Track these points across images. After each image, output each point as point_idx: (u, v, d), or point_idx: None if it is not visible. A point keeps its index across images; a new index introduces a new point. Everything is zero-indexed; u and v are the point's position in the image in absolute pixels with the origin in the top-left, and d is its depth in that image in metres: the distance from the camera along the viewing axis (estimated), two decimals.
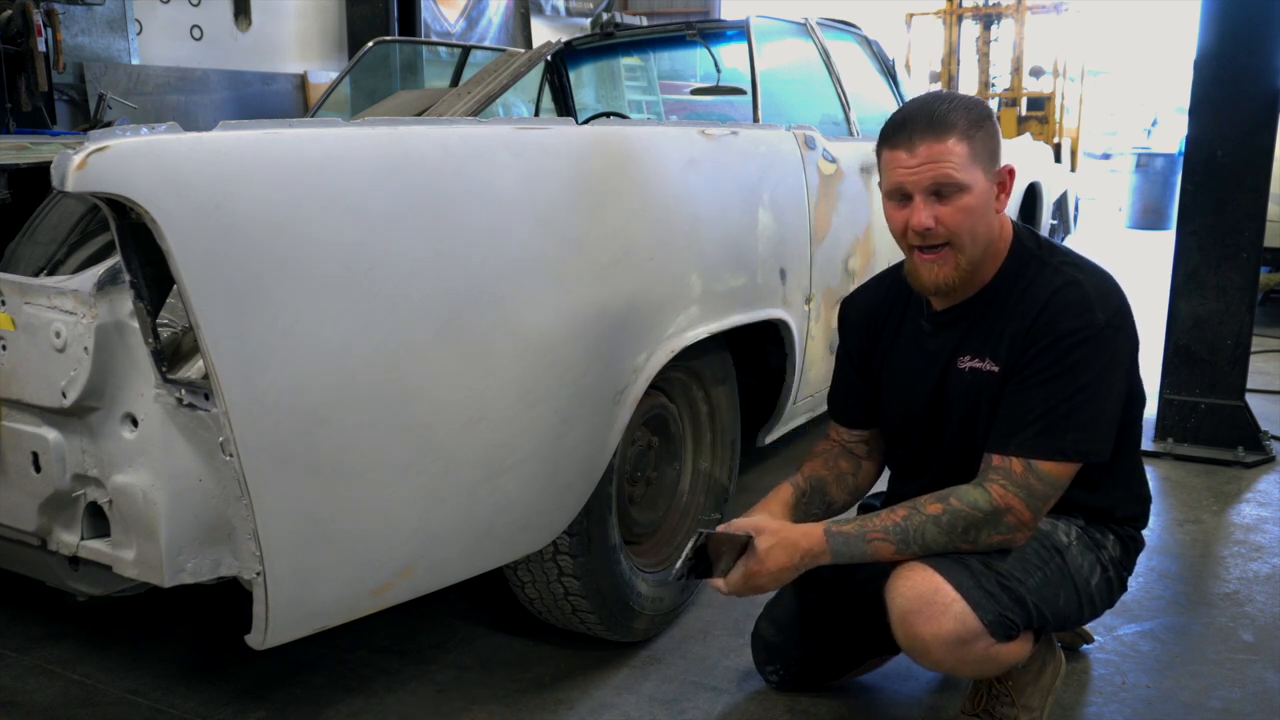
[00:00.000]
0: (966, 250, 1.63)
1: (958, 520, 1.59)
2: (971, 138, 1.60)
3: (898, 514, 1.62)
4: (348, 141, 1.40)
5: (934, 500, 1.62)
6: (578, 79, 4.23)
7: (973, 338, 1.71)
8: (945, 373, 1.74)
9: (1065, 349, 1.59)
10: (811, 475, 1.91)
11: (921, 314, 1.79)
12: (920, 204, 1.61)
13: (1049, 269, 1.67)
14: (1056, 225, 6.96)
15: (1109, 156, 15.29)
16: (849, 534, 1.62)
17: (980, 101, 1.68)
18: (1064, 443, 1.59)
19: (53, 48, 5.22)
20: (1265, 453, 3.34)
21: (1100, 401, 1.60)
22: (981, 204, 1.62)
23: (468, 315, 1.53)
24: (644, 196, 1.89)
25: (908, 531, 1.60)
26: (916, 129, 1.60)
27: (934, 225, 1.61)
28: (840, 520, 1.66)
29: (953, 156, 1.58)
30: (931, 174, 1.59)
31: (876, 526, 1.62)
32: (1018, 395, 1.63)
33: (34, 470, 1.50)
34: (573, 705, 1.93)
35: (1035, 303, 1.64)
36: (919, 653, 1.62)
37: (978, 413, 1.70)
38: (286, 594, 1.39)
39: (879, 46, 3.77)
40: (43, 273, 1.67)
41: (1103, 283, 1.65)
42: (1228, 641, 2.18)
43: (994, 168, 1.64)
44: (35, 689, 1.98)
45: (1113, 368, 1.61)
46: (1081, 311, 1.60)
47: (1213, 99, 3.26)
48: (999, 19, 10.92)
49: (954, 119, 1.59)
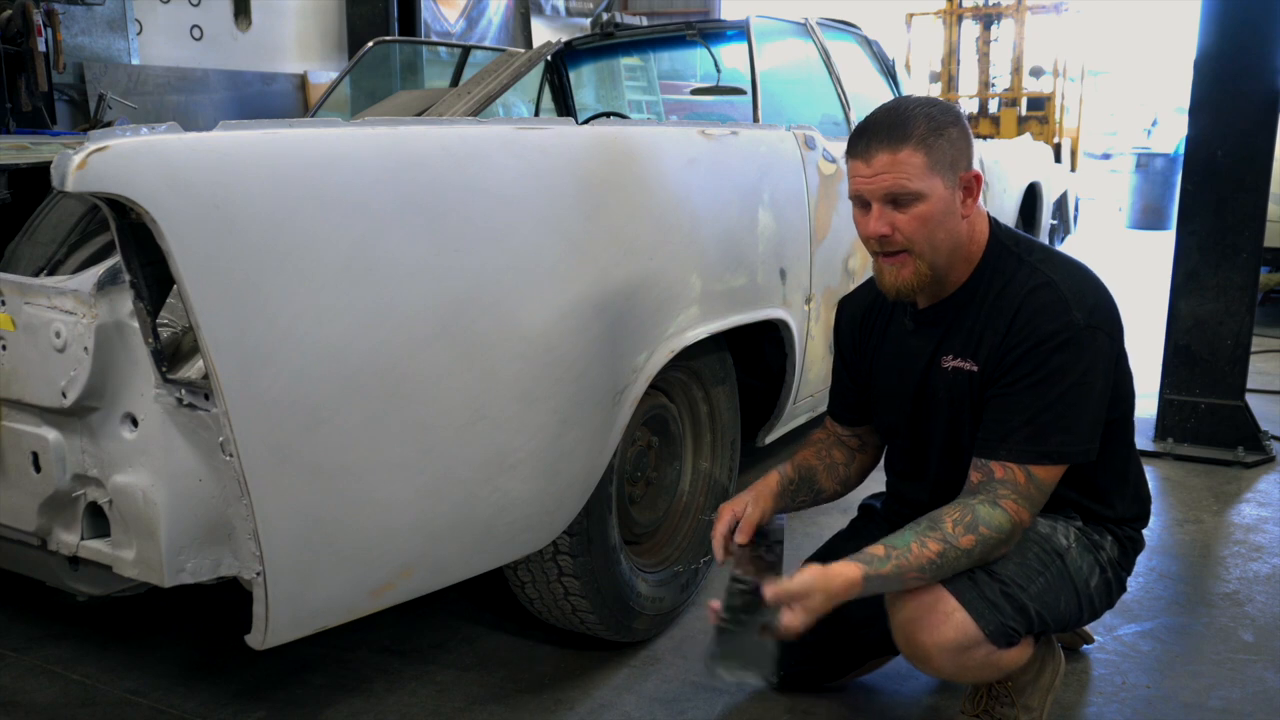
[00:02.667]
0: (926, 256, 1.64)
1: (987, 548, 1.59)
2: (930, 146, 1.59)
3: (930, 549, 1.57)
4: (348, 141, 1.40)
5: (964, 531, 1.58)
6: (578, 79, 4.23)
7: (953, 337, 1.72)
8: (929, 372, 1.75)
9: (1046, 352, 1.59)
10: (802, 464, 1.92)
11: (906, 312, 1.80)
12: (877, 212, 1.63)
13: (1025, 267, 1.67)
14: (1056, 225, 6.96)
15: (1109, 156, 15.29)
16: (886, 577, 1.56)
17: (948, 107, 1.67)
18: (1050, 446, 1.59)
19: (53, 48, 5.22)
20: (1265, 453, 3.34)
21: (1084, 402, 1.60)
22: (940, 211, 1.62)
23: (468, 315, 1.53)
24: (644, 196, 1.89)
25: (943, 569, 1.58)
26: (875, 138, 1.61)
27: (890, 233, 1.63)
28: (873, 559, 1.57)
29: (907, 167, 1.59)
30: (885, 184, 1.61)
31: (912, 565, 1.56)
32: (1003, 400, 1.63)
33: (34, 470, 1.50)
34: (573, 705, 1.93)
35: (1011, 304, 1.64)
36: (920, 660, 1.63)
37: (962, 412, 1.71)
38: (286, 594, 1.39)
39: (879, 46, 3.77)
40: (43, 273, 1.67)
41: (1080, 281, 1.65)
42: (1228, 641, 2.18)
43: (956, 174, 1.63)
44: (35, 689, 1.98)
45: (1095, 367, 1.61)
46: (1059, 313, 1.60)
47: (1213, 99, 3.26)
48: (999, 19, 10.92)
49: (911, 128, 1.59)
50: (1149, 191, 11.01)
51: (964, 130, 1.65)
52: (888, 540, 1.59)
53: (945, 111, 1.65)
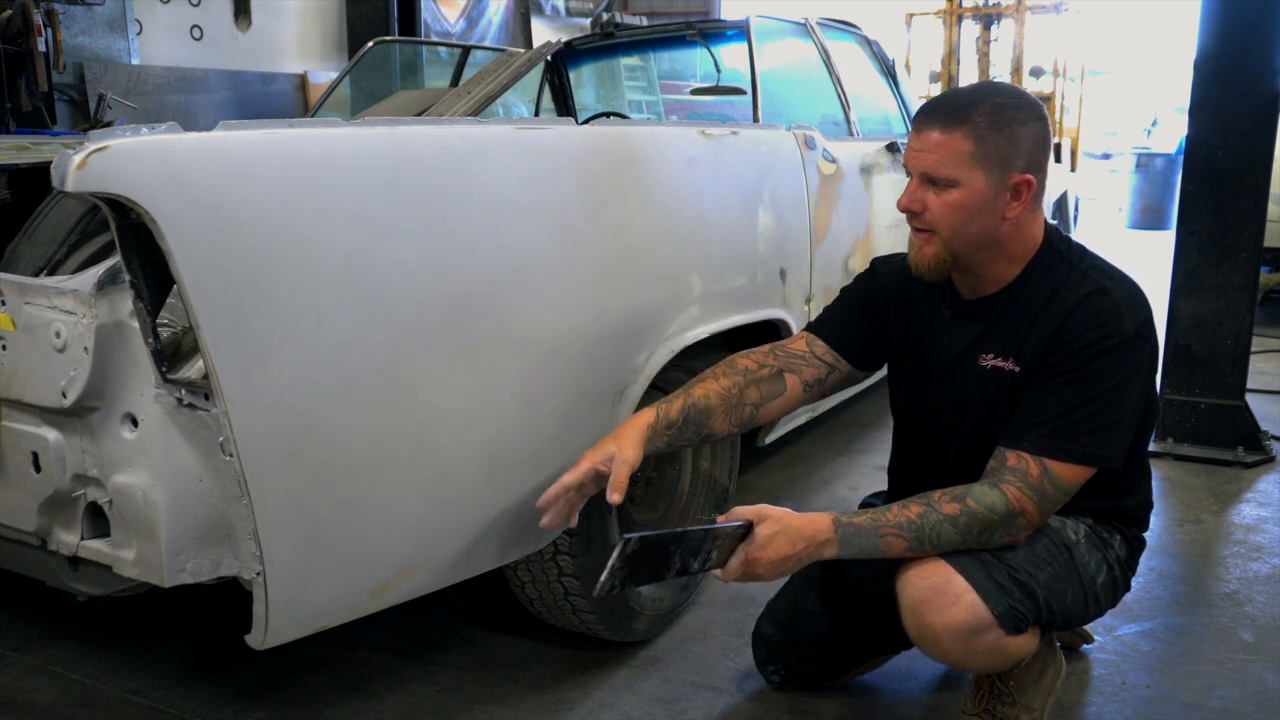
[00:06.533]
0: (949, 242, 1.63)
1: (974, 522, 1.58)
2: (982, 137, 1.57)
3: (911, 510, 1.59)
4: (348, 141, 1.40)
5: (950, 499, 1.59)
6: (578, 79, 4.23)
7: (994, 335, 1.70)
8: (963, 365, 1.73)
9: (1092, 355, 1.59)
10: (698, 403, 1.74)
11: (944, 299, 1.78)
12: (913, 186, 1.64)
13: (1077, 273, 1.66)
14: (1056, 225, 6.96)
15: (1109, 156, 15.28)
16: (860, 526, 1.58)
17: (1028, 106, 1.61)
18: (1075, 444, 1.58)
19: (53, 48, 5.21)
20: (1265, 453, 3.34)
21: (1119, 408, 1.59)
22: (975, 205, 1.60)
23: (468, 315, 1.53)
24: (644, 196, 1.89)
25: (923, 530, 1.58)
26: (934, 114, 1.61)
27: (919, 209, 1.63)
28: (850, 513, 1.62)
29: (948, 151, 1.58)
30: (924, 162, 1.61)
31: (890, 521, 1.58)
32: (1037, 395, 1.62)
33: (34, 470, 1.50)
34: (573, 705, 1.93)
35: (1063, 307, 1.63)
36: (929, 643, 1.61)
37: (997, 411, 1.69)
38: (286, 594, 1.39)
39: (879, 46, 3.77)
40: (43, 273, 1.67)
41: (1131, 291, 1.65)
42: (1228, 641, 2.18)
43: (1006, 173, 1.59)
44: (35, 689, 1.98)
45: (1135, 376, 1.60)
46: (1110, 319, 1.59)
47: (1213, 99, 3.25)
48: (999, 19, 10.91)
49: (970, 114, 1.58)
50: (1149, 191, 11.01)
51: (1035, 132, 1.60)
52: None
53: (1020, 108, 1.59)
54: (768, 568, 1.57)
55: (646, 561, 1.51)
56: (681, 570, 1.56)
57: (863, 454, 3.44)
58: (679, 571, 1.56)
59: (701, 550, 1.55)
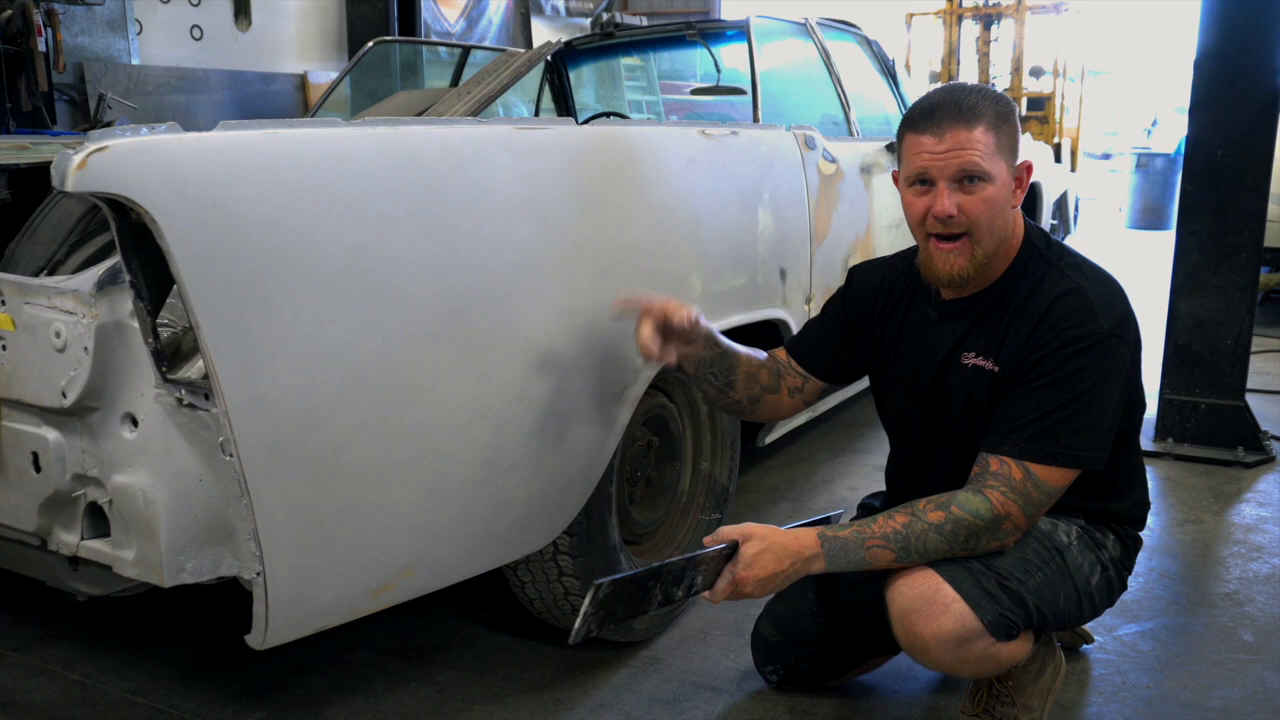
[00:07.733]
0: (984, 242, 1.62)
1: (960, 529, 1.58)
2: (998, 129, 1.60)
3: (896, 520, 1.60)
4: (348, 141, 1.40)
5: (935, 508, 1.59)
6: (578, 79, 4.23)
7: (977, 334, 1.71)
8: (948, 365, 1.74)
9: (1066, 356, 1.59)
10: (738, 351, 1.85)
11: (929, 301, 1.79)
12: (944, 190, 1.60)
13: (1055, 271, 1.67)
14: (1056, 225, 6.96)
15: (1109, 156, 15.29)
16: (846, 540, 1.59)
17: (1005, 96, 1.68)
18: (1057, 447, 1.58)
19: (53, 48, 5.21)
20: (1265, 453, 3.34)
21: (1098, 409, 1.60)
22: (1003, 196, 1.62)
23: (468, 315, 1.53)
24: (644, 196, 1.89)
25: (909, 540, 1.58)
26: (946, 115, 1.60)
27: (956, 213, 1.60)
28: (836, 526, 1.63)
29: (980, 145, 1.58)
30: (959, 161, 1.59)
31: (876, 533, 1.59)
32: (1016, 398, 1.63)
33: (34, 470, 1.50)
34: (573, 705, 1.93)
35: (1038, 307, 1.64)
36: (919, 652, 1.62)
37: (979, 410, 1.70)
38: (286, 594, 1.39)
39: (879, 46, 3.77)
40: (43, 273, 1.67)
41: (1107, 289, 1.65)
42: (1228, 641, 2.18)
43: (1015, 162, 1.65)
44: (35, 689, 1.98)
45: (1113, 376, 1.60)
46: (1085, 320, 1.60)
47: (1213, 99, 3.25)
48: (999, 19, 10.92)
49: (983, 109, 1.59)
50: (1149, 191, 11.00)
51: (1019, 121, 1.67)
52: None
53: (1005, 99, 1.66)
54: (755, 586, 1.58)
55: (624, 601, 1.52)
56: (665, 601, 1.57)
57: (863, 454, 3.44)
58: (662, 603, 1.57)
59: (685, 578, 1.57)
